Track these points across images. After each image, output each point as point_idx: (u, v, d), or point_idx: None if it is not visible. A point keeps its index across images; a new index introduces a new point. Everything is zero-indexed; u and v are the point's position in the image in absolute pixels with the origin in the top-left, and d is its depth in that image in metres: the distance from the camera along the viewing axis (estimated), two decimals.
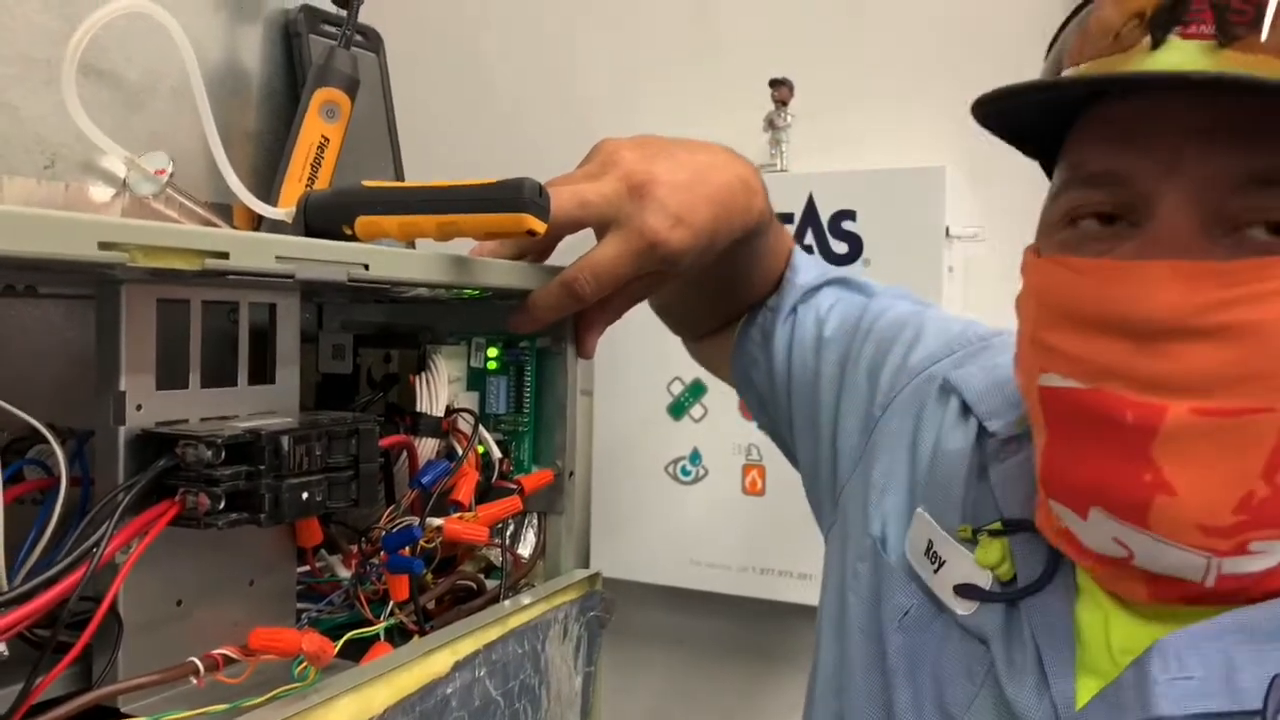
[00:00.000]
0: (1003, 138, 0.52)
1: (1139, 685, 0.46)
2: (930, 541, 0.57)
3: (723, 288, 0.73)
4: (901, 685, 0.56)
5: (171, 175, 0.56)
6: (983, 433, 0.59)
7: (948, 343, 0.66)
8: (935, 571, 0.56)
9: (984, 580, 0.54)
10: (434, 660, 0.48)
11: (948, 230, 1.16)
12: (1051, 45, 0.51)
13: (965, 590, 0.54)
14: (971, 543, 0.55)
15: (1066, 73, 0.49)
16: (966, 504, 0.57)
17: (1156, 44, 0.45)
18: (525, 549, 0.64)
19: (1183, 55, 0.44)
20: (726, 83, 1.38)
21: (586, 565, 0.64)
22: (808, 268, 0.74)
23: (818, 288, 0.74)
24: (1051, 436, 0.48)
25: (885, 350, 0.68)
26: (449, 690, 0.48)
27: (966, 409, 0.61)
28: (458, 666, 0.49)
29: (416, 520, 0.54)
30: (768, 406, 0.76)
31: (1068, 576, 0.51)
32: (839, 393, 0.69)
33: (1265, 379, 0.43)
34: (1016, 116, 0.49)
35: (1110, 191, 0.47)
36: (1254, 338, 0.43)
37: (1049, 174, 0.53)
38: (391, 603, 0.54)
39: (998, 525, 0.54)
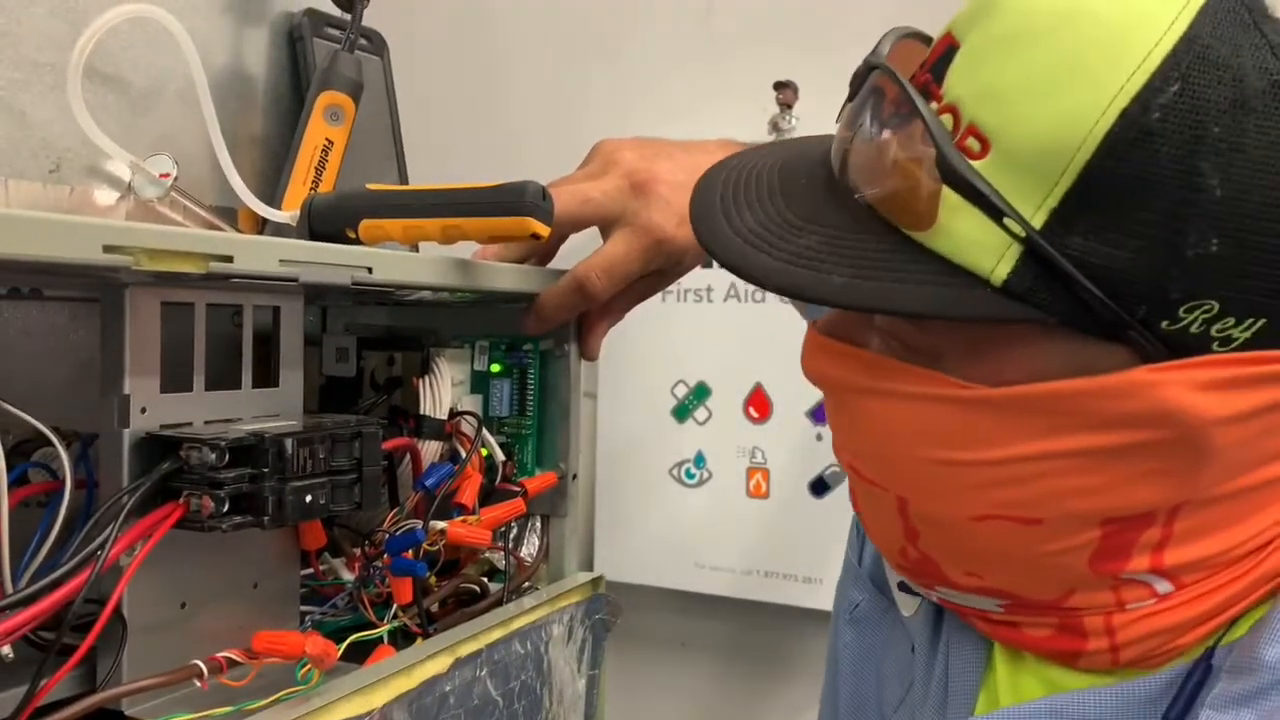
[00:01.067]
0: None
1: None
2: None
3: None
4: (845, 677, 0.58)
5: (176, 179, 0.56)
6: None
7: None
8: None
9: None
10: (437, 663, 0.48)
11: None
12: None
13: (905, 584, 0.54)
14: None
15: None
16: None
17: None
18: (528, 552, 0.64)
19: None
20: (730, 85, 1.38)
21: (590, 568, 0.64)
22: None
23: None
24: None
25: None
26: (447, 688, 0.48)
27: None
28: (457, 664, 0.49)
29: (420, 523, 0.54)
30: None
31: None
32: None
33: (874, 462, 0.46)
34: None
35: None
36: (865, 424, 0.46)
37: None
38: (395, 605, 0.54)
39: None
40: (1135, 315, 0.37)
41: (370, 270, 0.46)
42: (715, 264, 0.45)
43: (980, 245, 0.38)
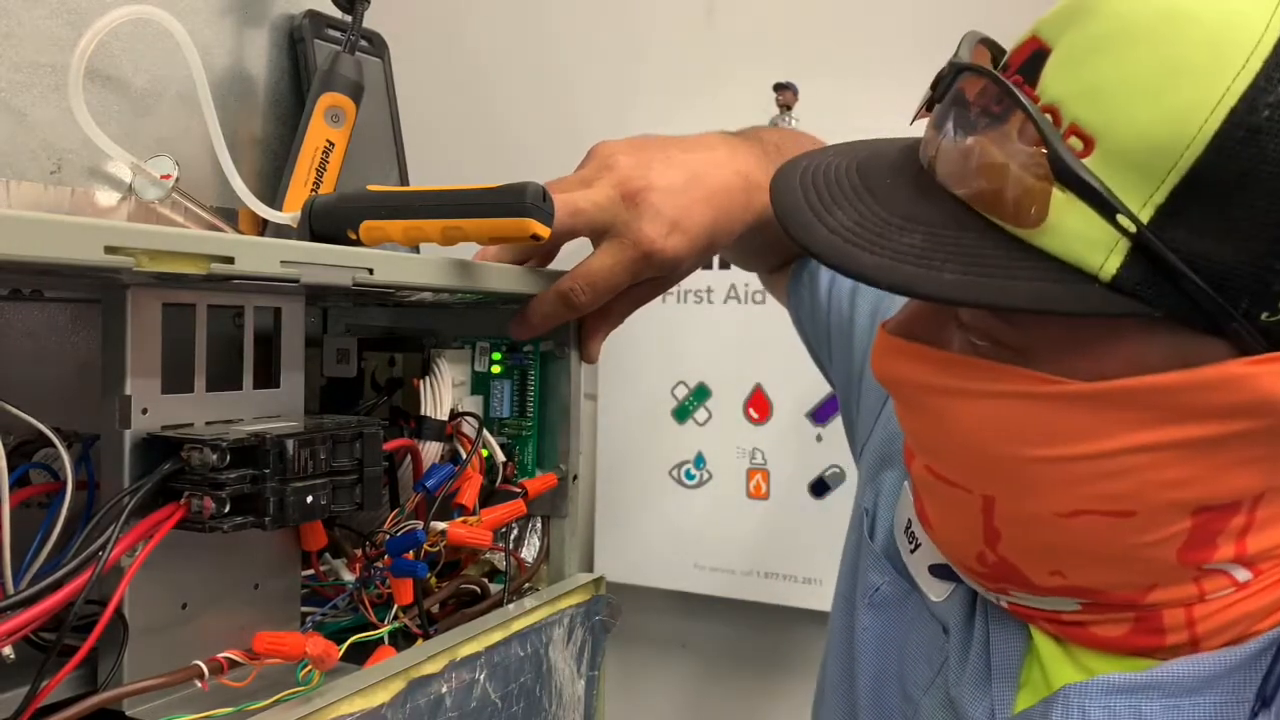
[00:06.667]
0: None
1: None
2: (910, 520, 0.57)
3: (765, 249, 0.74)
4: (865, 660, 0.57)
5: (177, 180, 0.56)
6: None
7: None
8: (911, 551, 0.57)
9: None
10: (437, 664, 0.48)
11: None
12: None
13: (939, 570, 0.54)
14: None
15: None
16: None
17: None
18: (529, 553, 0.65)
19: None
20: (730, 87, 1.38)
21: (590, 569, 0.64)
22: None
23: None
24: None
25: None
26: (443, 689, 0.48)
27: None
28: (453, 665, 0.49)
29: (420, 524, 0.54)
30: (814, 345, 0.77)
31: None
32: (868, 345, 0.69)
33: (958, 463, 0.46)
34: None
35: None
36: (949, 425, 0.45)
37: None
38: (395, 606, 0.54)
39: None
40: (1238, 308, 0.38)
41: (371, 271, 0.46)
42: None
43: (1089, 242, 0.38)
